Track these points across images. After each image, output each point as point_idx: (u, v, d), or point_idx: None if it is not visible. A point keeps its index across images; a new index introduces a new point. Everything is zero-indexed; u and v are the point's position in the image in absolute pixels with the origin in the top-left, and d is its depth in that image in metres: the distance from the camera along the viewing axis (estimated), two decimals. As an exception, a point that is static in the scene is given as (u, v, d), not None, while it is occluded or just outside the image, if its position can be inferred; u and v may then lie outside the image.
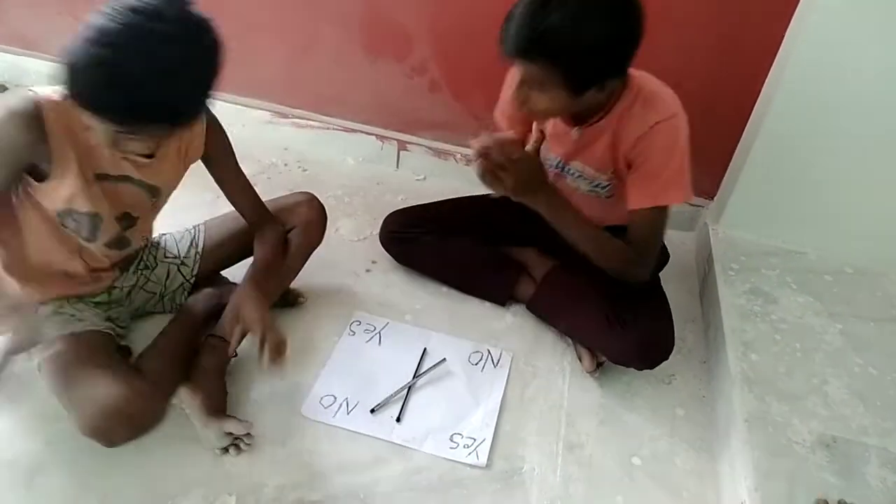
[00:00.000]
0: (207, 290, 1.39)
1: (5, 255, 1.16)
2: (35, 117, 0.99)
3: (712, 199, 1.77)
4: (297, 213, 1.39)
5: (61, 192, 1.06)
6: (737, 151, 1.67)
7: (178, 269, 1.36)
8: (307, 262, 1.43)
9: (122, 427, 1.06)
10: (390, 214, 1.58)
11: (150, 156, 1.11)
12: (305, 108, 1.98)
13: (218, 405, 1.21)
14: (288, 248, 1.37)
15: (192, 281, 1.37)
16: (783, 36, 1.49)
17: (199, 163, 1.26)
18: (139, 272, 1.34)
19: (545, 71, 1.07)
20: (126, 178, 1.13)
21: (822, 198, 1.59)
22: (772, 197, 1.62)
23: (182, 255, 1.37)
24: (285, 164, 1.96)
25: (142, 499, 1.10)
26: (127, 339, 1.32)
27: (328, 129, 1.97)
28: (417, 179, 1.96)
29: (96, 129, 0.96)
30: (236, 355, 1.28)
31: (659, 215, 1.24)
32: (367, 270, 1.61)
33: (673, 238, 1.75)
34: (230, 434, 1.17)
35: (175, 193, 1.25)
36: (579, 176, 1.33)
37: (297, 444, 1.20)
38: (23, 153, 1.01)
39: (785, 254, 1.62)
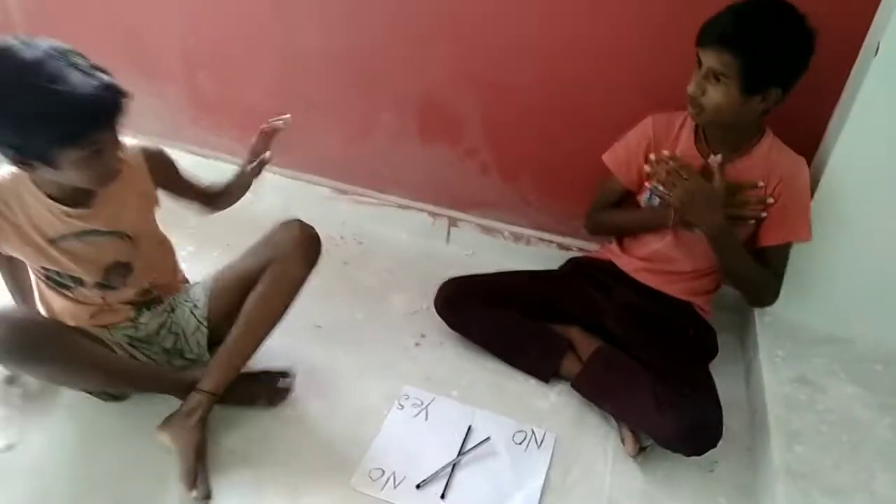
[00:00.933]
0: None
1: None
2: None
3: (758, 281, 1.79)
4: (278, 241, 1.39)
5: (21, 256, 1.24)
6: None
7: (192, 312, 1.45)
8: (358, 335, 1.52)
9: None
10: (448, 281, 1.67)
11: (87, 206, 1.23)
12: (362, 185, 2.11)
13: (197, 457, 1.28)
14: (269, 279, 1.37)
15: (205, 324, 1.44)
16: (833, 108, 1.52)
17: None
18: (164, 313, 1.44)
19: (732, 61, 1.27)
20: (87, 232, 1.24)
21: (874, 284, 1.58)
22: (821, 281, 1.61)
23: (195, 298, 1.46)
24: (342, 238, 2.08)
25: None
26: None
27: (383, 205, 2.10)
28: (466, 254, 2.05)
29: (69, 174, 1.10)
30: (216, 396, 1.35)
31: (788, 249, 1.48)
32: (417, 344, 1.69)
33: (719, 320, 1.77)
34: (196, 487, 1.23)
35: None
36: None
37: (346, 516, 1.26)
38: None
39: (834, 341, 1.61)
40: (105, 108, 1.07)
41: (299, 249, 1.38)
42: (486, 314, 1.62)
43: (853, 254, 1.56)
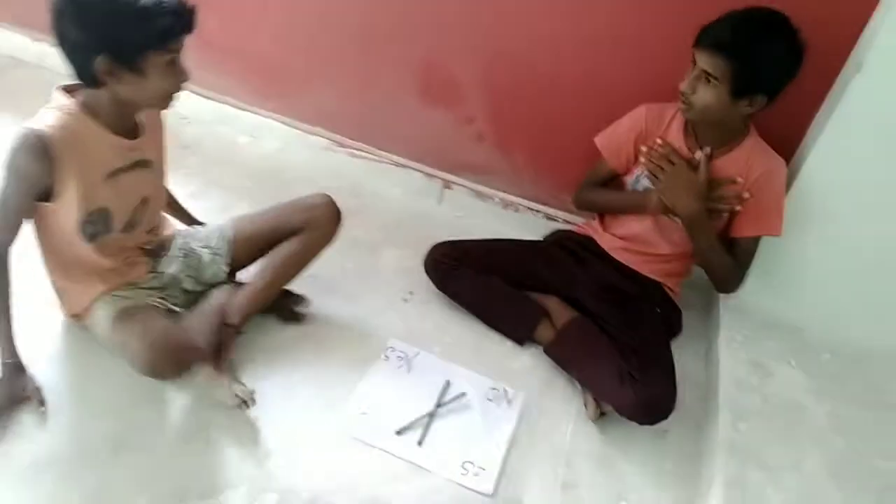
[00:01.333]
0: (224, 287, 1.58)
1: (50, 268, 1.40)
2: (43, 148, 1.18)
3: (727, 267, 1.90)
4: (313, 214, 1.58)
5: (70, 204, 1.26)
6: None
7: (213, 256, 1.56)
8: (349, 287, 1.68)
9: (167, 360, 1.30)
10: (437, 244, 1.77)
11: (136, 132, 1.33)
12: (361, 139, 2.17)
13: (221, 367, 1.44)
14: (298, 248, 1.57)
15: (226, 269, 1.57)
16: (811, 121, 1.61)
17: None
18: (178, 258, 1.53)
19: (725, 67, 1.35)
20: (136, 164, 1.34)
21: (830, 279, 1.70)
22: (783, 273, 1.74)
23: (214, 245, 1.57)
24: (338, 188, 2.14)
25: (201, 486, 1.30)
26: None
27: (380, 161, 2.16)
28: (457, 216, 2.14)
29: (150, 82, 1.19)
30: (241, 332, 1.54)
31: (757, 242, 1.59)
32: (405, 300, 1.79)
33: (688, 299, 1.90)
34: (237, 396, 1.38)
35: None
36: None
37: (331, 455, 1.39)
38: (38, 182, 1.22)
39: (789, 329, 1.74)
40: (188, 12, 1.19)
41: (331, 224, 1.60)
42: (471, 279, 1.72)
43: (817, 251, 1.68)
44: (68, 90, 1.25)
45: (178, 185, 1.96)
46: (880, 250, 1.62)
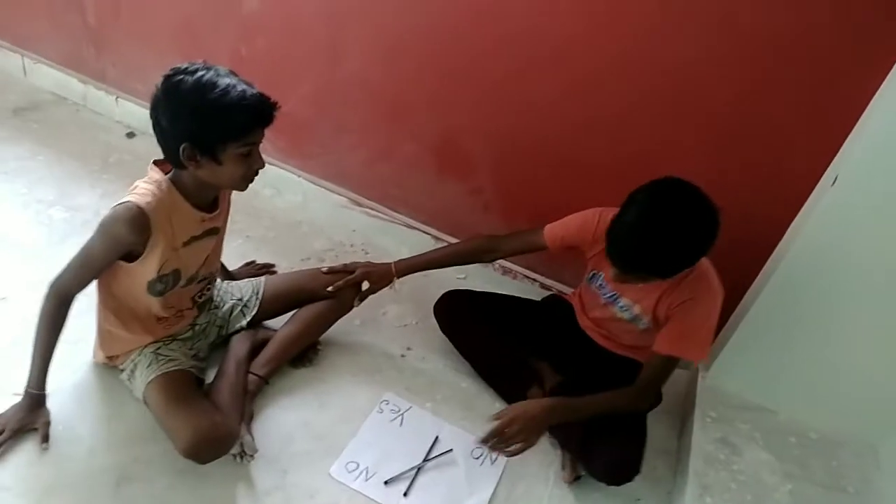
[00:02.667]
0: (244, 332, 1.73)
1: (103, 313, 1.54)
2: (145, 223, 1.33)
3: (707, 347, 2.03)
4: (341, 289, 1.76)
5: (150, 266, 1.40)
6: (734, 314, 1.92)
7: (241, 310, 1.73)
8: (354, 339, 1.84)
9: (211, 449, 1.41)
10: (450, 291, 1.90)
11: (215, 207, 1.48)
12: (376, 200, 2.34)
13: (246, 420, 1.58)
14: (324, 311, 1.77)
15: (249, 320, 1.73)
16: (787, 227, 1.76)
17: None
18: (211, 311, 1.70)
19: (642, 276, 1.42)
20: (207, 233, 1.50)
21: (803, 367, 1.81)
22: (757, 358, 1.85)
23: (245, 298, 1.74)
24: (351, 245, 2.31)
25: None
26: (206, 368, 1.68)
27: (392, 222, 2.32)
28: (459, 278, 2.28)
29: (226, 169, 1.33)
30: (268, 382, 1.70)
31: (672, 363, 1.56)
32: (402, 356, 1.92)
33: (667, 374, 2.01)
34: (241, 445, 1.50)
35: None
36: (626, 310, 1.65)
37: (323, 499, 1.50)
38: (127, 249, 1.36)
39: (760, 410, 1.86)
40: (266, 109, 1.32)
41: (353, 297, 1.81)
42: (475, 331, 1.84)
43: (790, 342, 1.79)
44: (160, 164, 1.41)
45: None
46: (852, 345, 1.73)
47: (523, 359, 1.86)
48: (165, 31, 2.37)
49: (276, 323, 1.81)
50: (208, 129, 1.28)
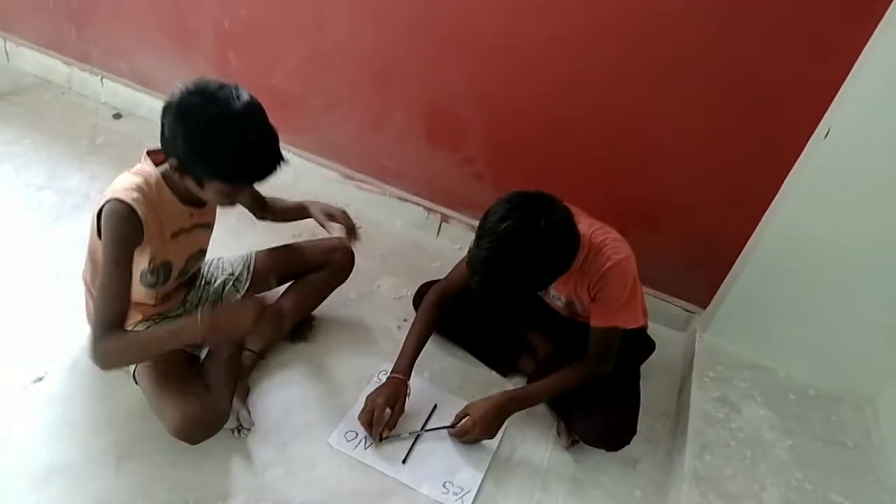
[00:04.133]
0: None
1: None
2: (136, 221, 1.31)
3: (705, 308, 2.02)
4: (333, 256, 1.77)
5: (142, 258, 1.38)
6: (731, 272, 1.92)
7: (233, 285, 1.71)
8: (349, 312, 1.83)
9: (199, 430, 1.40)
10: (424, 284, 1.88)
11: (203, 204, 1.45)
12: (368, 174, 2.31)
13: (241, 396, 1.58)
14: (318, 283, 1.76)
15: (241, 293, 1.70)
16: (783, 180, 1.74)
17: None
18: (202, 287, 1.68)
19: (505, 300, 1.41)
20: (196, 226, 1.49)
21: (800, 324, 1.82)
22: (755, 316, 1.86)
23: (237, 273, 1.72)
24: (344, 219, 2.29)
25: (200, 494, 1.41)
26: (201, 345, 1.64)
27: (384, 195, 2.30)
28: (454, 248, 2.27)
29: (208, 194, 1.31)
30: (263, 357, 1.70)
31: (613, 332, 1.54)
32: (398, 327, 1.91)
33: (665, 336, 2.02)
34: (237, 420, 1.51)
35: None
36: (557, 299, 1.67)
37: (323, 470, 1.50)
38: (134, 245, 1.34)
39: (758, 369, 1.86)
40: (265, 171, 1.29)
41: (348, 267, 1.82)
42: (459, 318, 1.80)
43: (788, 298, 1.79)
44: (153, 154, 1.39)
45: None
46: (849, 301, 1.73)
47: (512, 330, 1.85)
48: (146, 6, 2.32)
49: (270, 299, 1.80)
50: (199, 162, 1.27)
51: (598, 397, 1.58)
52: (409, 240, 2.26)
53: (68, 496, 1.36)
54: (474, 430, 1.56)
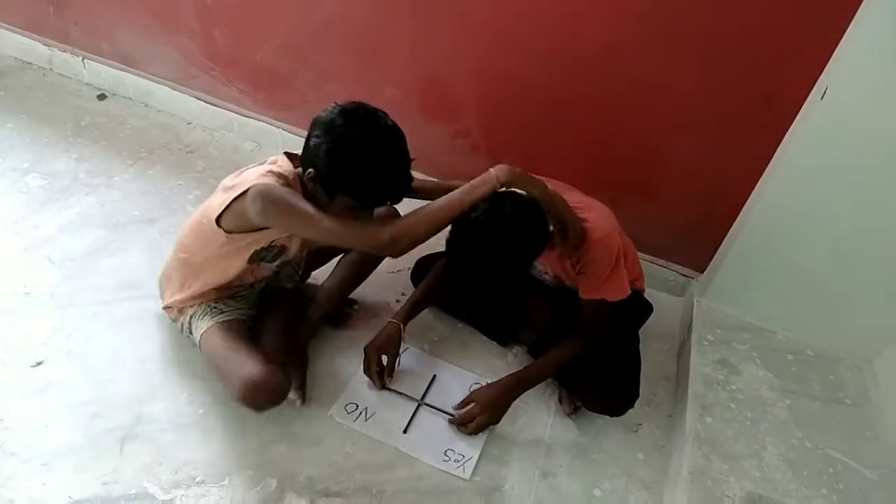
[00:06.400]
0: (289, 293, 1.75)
1: (182, 265, 1.55)
2: (287, 184, 1.37)
3: (702, 272, 2.02)
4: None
5: (268, 235, 1.44)
6: (728, 235, 1.91)
7: (291, 264, 1.70)
8: None
9: (267, 397, 1.41)
10: (423, 258, 1.87)
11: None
12: (361, 147, 2.28)
13: (301, 366, 1.63)
14: (367, 256, 1.76)
15: (299, 273, 1.74)
16: (779, 142, 1.72)
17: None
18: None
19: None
20: None
21: (797, 285, 1.82)
22: (753, 279, 1.86)
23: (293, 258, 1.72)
24: (337, 195, 2.27)
25: (206, 472, 1.42)
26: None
27: (378, 168, 2.27)
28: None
29: (334, 206, 1.37)
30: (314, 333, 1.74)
31: (602, 303, 1.54)
32: (397, 301, 1.91)
33: (663, 301, 2.03)
34: (296, 391, 1.55)
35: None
36: (545, 274, 1.67)
37: (328, 444, 1.51)
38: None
39: (756, 331, 1.87)
40: (396, 198, 1.41)
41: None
42: (456, 291, 1.80)
43: (785, 261, 1.79)
44: (292, 157, 1.45)
45: (185, 189, 2.08)
46: (845, 263, 1.73)
47: (511, 301, 1.84)
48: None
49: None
50: (338, 179, 1.34)
51: (598, 363, 1.59)
52: (404, 213, 2.23)
53: (74, 478, 1.37)
54: (482, 415, 1.56)
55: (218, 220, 1.40)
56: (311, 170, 1.35)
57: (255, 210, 1.33)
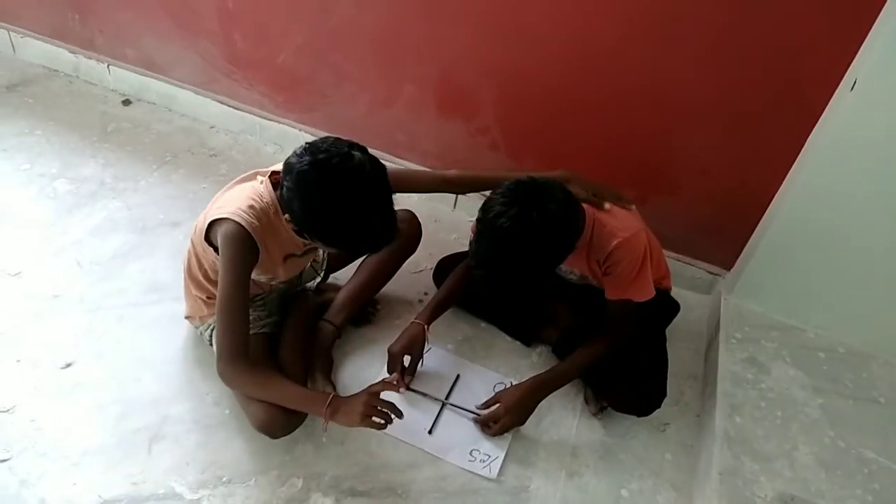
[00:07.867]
0: (308, 294, 1.76)
1: (195, 284, 1.56)
2: (253, 243, 1.35)
3: (729, 270, 1.99)
4: (401, 228, 1.65)
5: (255, 272, 1.43)
6: (755, 232, 1.88)
7: (312, 265, 1.70)
8: None
9: (282, 429, 1.42)
10: (445, 258, 1.86)
11: None
12: (381, 149, 2.27)
13: (325, 369, 1.63)
14: (390, 256, 1.75)
15: (321, 274, 1.73)
16: (806, 136, 1.69)
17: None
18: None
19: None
20: (308, 251, 1.54)
21: (827, 281, 1.78)
22: (781, 276, 1.82)
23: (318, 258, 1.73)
24: (359, 196, 2.27)
25: (232, 473, 1.43)
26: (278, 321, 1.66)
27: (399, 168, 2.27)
28: (470, 220, 2.22)
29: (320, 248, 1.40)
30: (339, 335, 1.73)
31: (628, 303, 1.53)
32: (420, 301, 1.90)
33: (690, 300, 2.00)
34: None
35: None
36: (570, 273, 1.64)
37: (352, 444, 1.51)
38: (252, 264, 1.39)
39: (786, 328, 1.83)
40: (379, 248, 1.36)
41: (417, 238, 1.85)
42: (480, 291, 1.78)
43: (814, 257, 1.75)
44: (276, 178, 1.39)
45: (209, 192, 2.08)
46: (876, 258, 1.69)
47: (534, 301, 1.83)
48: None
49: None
50: (314, 235, 1.33)
51: (625, 363, 1.57)
52: (426, 213, 2.22)
53: (103, 478, 1.38)
54: (507, 417, 1.54)
55: (207, 238, 1.41)
56: (287, 216, 1.35)
57: (219, 243, 1.35)
